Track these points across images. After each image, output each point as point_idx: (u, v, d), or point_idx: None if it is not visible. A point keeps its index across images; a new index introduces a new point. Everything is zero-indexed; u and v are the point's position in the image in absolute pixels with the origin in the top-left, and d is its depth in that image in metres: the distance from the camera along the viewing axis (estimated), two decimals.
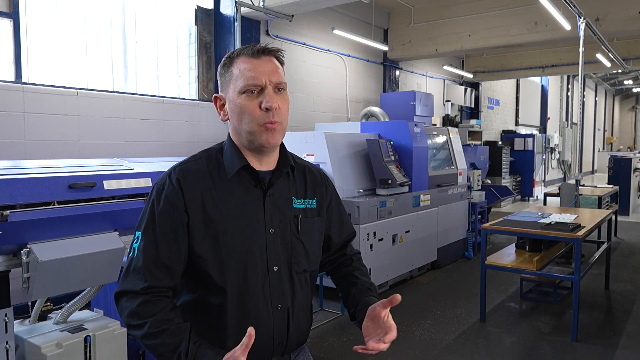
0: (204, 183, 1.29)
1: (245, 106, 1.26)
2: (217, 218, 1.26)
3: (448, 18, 8.89)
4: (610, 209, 6.59)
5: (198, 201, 1.26)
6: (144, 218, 1.28)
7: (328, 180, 1.52)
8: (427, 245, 6.11)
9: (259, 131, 1.27)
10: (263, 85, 1.27)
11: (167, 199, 1.26)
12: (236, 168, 1.30)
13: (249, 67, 1.27)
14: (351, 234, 1.57)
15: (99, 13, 5.14)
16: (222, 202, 1.28)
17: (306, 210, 1.39)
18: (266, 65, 1.28)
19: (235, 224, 1.27)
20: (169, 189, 1.26)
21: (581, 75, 7.10)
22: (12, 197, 2.31)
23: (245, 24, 6.27)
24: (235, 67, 1.28)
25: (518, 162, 13.37)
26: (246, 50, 1.29)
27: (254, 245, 1.29)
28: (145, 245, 1.24)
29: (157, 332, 1.18)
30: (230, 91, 1.29)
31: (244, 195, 1.31)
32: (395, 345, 4.02)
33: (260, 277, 1.29)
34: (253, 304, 1.28)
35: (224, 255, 1.26)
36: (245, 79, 1.26)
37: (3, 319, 2.40)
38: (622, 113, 32.18)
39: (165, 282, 1.23)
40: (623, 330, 4.35)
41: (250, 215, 1.30)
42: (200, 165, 1.32)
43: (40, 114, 4.49)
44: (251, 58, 1.28)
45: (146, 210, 1.28)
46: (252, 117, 1.26)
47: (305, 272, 1.38)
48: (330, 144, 5.16)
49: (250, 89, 1.26)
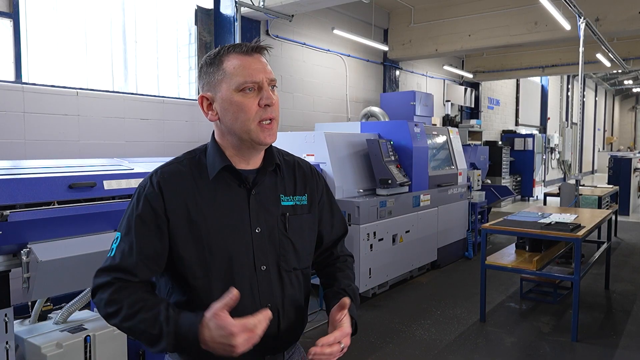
0: (186, 185, 1.28)
1: (243, 103, 1.26)
2: (200, 220, 1.26)
3: (448, 18, 8.89)
4: (610, 209, 6.59)
5: (180, 203, 1.26)
6: (124, 219, 1.29)
7: (319, 175, 1.50)
8: (427, 245, 6.11)
9: (256, 129, 1.27)
10: (260, 83, 1.27)
11: (146, 202, 1.26)
12: (217, 169, 1.30)
13: (244, 65, 1.26)
14: (342, 234, 1.56)
15: (99, 13, 5.14)
16: (205, 204, 1.28)
17: (295, 207, 1.39)
18: (259, 62, 1.28)
19: (219, 224, 1.27)
20: (149, 191, 1.27)
21: (581, 75, 7.10)
22: (12, 197, 2.31)
23: (245, 24, 6.27)
24: (228, 64, 1.27)
25: (518, 162, 13.37)
26: (237, 48, 1.28)
27: (240, 245, 1.28)
28: (122, 246, 1.25)
29: (134, 312, 1.18)
30: (223, 89, 1.27)
31: (227, 195, 1.30)
32: (395, 345, 4.02)
33: (247, 276, 1.29)
34: (241, 304, 1.27)
35: (208, 256, 1.26)
36: (242, 76, 1.25)
37: (3, 319, 2.40)
38: (622, 113, 32.18)
39: (136, 279, 1.24)
40: (623, 330, 4.35)
41: (235, 215, 1.29)
42: (183, 167, 1.32)
43: (40, 114, 4.49)
44: (244, 56, 1.27)
45: (127, 210, 1.30)
46: (250, 114, 1.26)
47: (296, 270, 1.37)
48: (330, 144, 5.16)
49: (248, 86, 1.25)
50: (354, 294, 1.44)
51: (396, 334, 4.26)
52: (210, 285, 1.27)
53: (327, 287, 1.47)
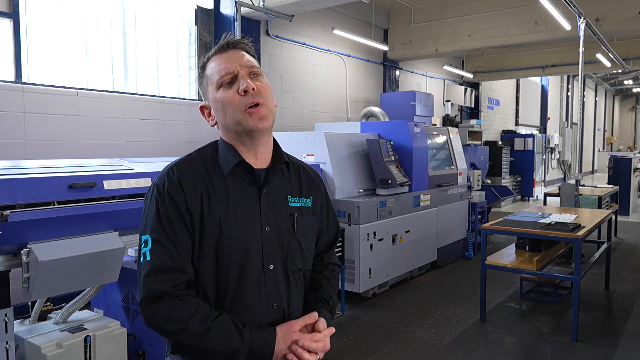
0: (201, 181, 1.29)
1: (225, 97, 1.28)
2: (214, 217, 1.26)
3: (448, 18, 8.89)
4: (610, 209, 6.59)
5: (197, 199, 1.26)
6: (149, 220, 1.26)
7: (322, 183, 1.52)
8: (427, 245, 6.11)
9: (245, 117, 1.28)
10: (235, 72, 1.29)
11: (170, 197, 1.25)
12: (232, 164, 1.30)
13: (218, 62, 1.31)
14: (334, 241, 1.56)
15: (99, 13, 5.14)
16: (219, 201, 1.28)
17: (302, 208, 1.39)
18: (233, 55, 1.31)
19: (231, 222, 1.27)
20: (170, 187, 1.26)
21: (581, 75, 7.10)
22: (12, 197, 2.31)
23: (245, 24, 6.27)
24: (208, 69, 1.32)
25: (518, 162, 13.37)
26: (215, 50, 1.33)
27: (250, 243, 1.28)
28: (157, 247, 1.23)
29: (203, 331, 1.19)
30: (210, 93, 1.32)
31: (239, 193, 1.30)
32: (395, 345, 4.02)
33: (256, 275, 1.29)
34: (249, 302, 1.28)
35: (220, 253, 1.26)
36: (218, 73, 1.29)
37: (3, 319, 2.40)
38: (622, 113, 32.18)
39: (184, 278, 1.23)
40: (623, 330, 4.35)
41: (246, 213, 1.30)
42: (196, 163, 1.32)
43: (40, 114, 4.49)
44: (219, 54, 1.32)
45: (149, 211, 1.27)
46: (234, 105, 1.27)
47: (300, 271, 1.38)
48: (330, 144, 5.16)
49: (225, 79, 1.28)
50: (334, 306, 1.47)
51: (396, 334, 4.26)
52: (220, 282, 1.27)
53: (311, 292, 1.46)
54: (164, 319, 1.19)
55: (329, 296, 1.45)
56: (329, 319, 1.39)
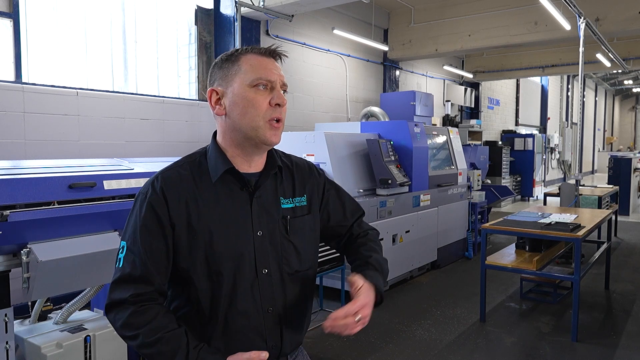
0: (188, 190, 1.27)
1: (254, 99, 1.26)
2: (203, 225, 1.25)
3: (448, 18, 8.89)
4: (610, 209, 6.59)
5: (183, 209, 1.26)
6: (128, 227, 1.28)
7: (319, 171, 1.50)
8: (427, 245, 6.11)
9: (264, 127, 1.27)
10: (274, 82, 1.28)
11: (150, 208, 1.25)
12: (220, 172, 1.29)
13: (260, 63, 1.28)
14: (359, 216, 1.56)
15: (99, 13, 5.14)
16: (208, 209, 1.27)
17: (295, 209, 1.38)
18: (274, 64, 1.31)
19: (221, 229, 1.26)
20: (152, 197, 1.25)
21: (581, 75, 7.10)
22: (12, 197, 2.31)
23: (245, 24, 6.27)
24: (245, 62, 1.28)
25: (518, 162, 13.37)
26: (254, 49, 1.31)
27: (242, 249, 1.28)
28: (129, 255, 1.24)
29: (152, 342, 1.18)
30: (236, 84, 1.27)
31: (229, 199, 1.29)
32: (395, 345, 4.02)
33: (249, 280, 1.28)
34: (243, 308, 1.27)
35: (211, 261, 1.25)
36: (258, 73, 1.27)
37: (3, 319, 2.40)
38: (622, 113, 32.18)
39: (148, 289, 1.23)
40: (623, 330, 4.35)
41: (237, 219, 1.29)
42: (184, 171, 1.30)
43: (40, 114, 4.49)
44: (263, 56, 1.30)
45: (130, 219, 1.28)
46: (259, 111, 1.26)
47: (298, 273, 1.36)
48: (330, 144, 5.16)
49: (262, 82, 1.26)
50: (378, 263, 1.42)
51: (396, 334, 4.26)
52: (212, 290, 1.26)
53: (352, 262, 1.47)
54: (121, 323, 1.22)
55: (367, 257, 1.43)
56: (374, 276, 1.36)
